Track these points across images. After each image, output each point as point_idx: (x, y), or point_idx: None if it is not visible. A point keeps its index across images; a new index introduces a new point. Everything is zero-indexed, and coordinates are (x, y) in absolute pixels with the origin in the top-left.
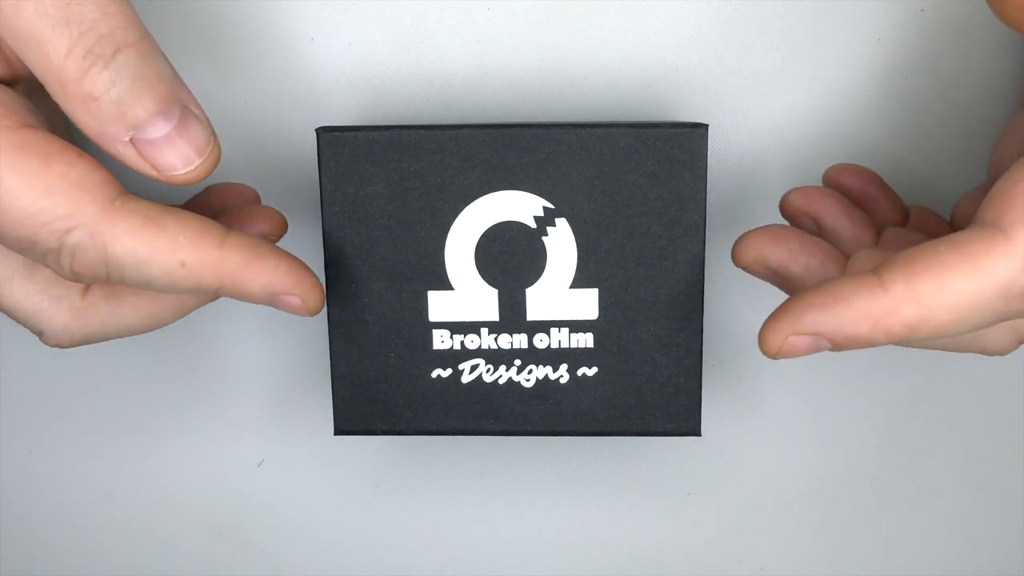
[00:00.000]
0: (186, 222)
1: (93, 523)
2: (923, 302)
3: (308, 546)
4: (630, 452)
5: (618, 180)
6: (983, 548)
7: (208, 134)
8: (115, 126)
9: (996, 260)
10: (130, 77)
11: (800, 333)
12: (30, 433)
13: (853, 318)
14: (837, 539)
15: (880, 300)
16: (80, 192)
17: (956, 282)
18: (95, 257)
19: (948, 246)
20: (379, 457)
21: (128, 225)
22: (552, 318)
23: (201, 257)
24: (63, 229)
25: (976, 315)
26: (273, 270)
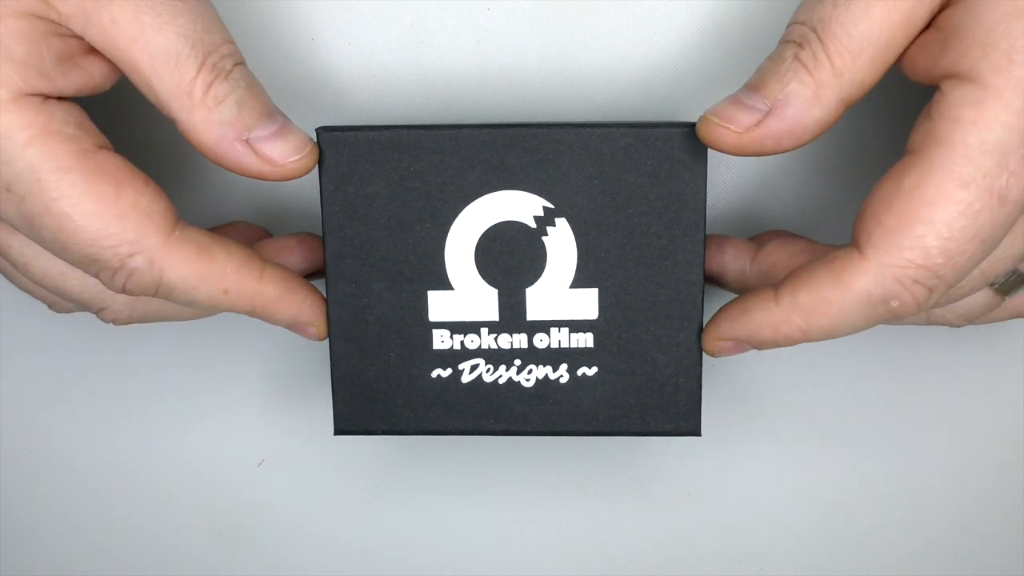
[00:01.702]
0: (233, 252)
1: (93, 523)
2: (805, 312)
3: (308, 546)
4: (630, 452)
5: (618, 180)
6: (983, 548)
7: (306, 135)
8: (234, 128)
9: (853, 274)
10: (245, 87)
11: (720, 339)
12: (30, 432)
13: (756, 327)
14: (837, 539)
15: (774, 312)
16: (147, 220)
17: (827, 294)
18: (150, 280)
19: (821, 263)
20: (379, 457)
21: (184, 255)
22: (552, 318)
23: (242, 287)
24: (127, 253)
25: (851, 320)
26: (301, 303)
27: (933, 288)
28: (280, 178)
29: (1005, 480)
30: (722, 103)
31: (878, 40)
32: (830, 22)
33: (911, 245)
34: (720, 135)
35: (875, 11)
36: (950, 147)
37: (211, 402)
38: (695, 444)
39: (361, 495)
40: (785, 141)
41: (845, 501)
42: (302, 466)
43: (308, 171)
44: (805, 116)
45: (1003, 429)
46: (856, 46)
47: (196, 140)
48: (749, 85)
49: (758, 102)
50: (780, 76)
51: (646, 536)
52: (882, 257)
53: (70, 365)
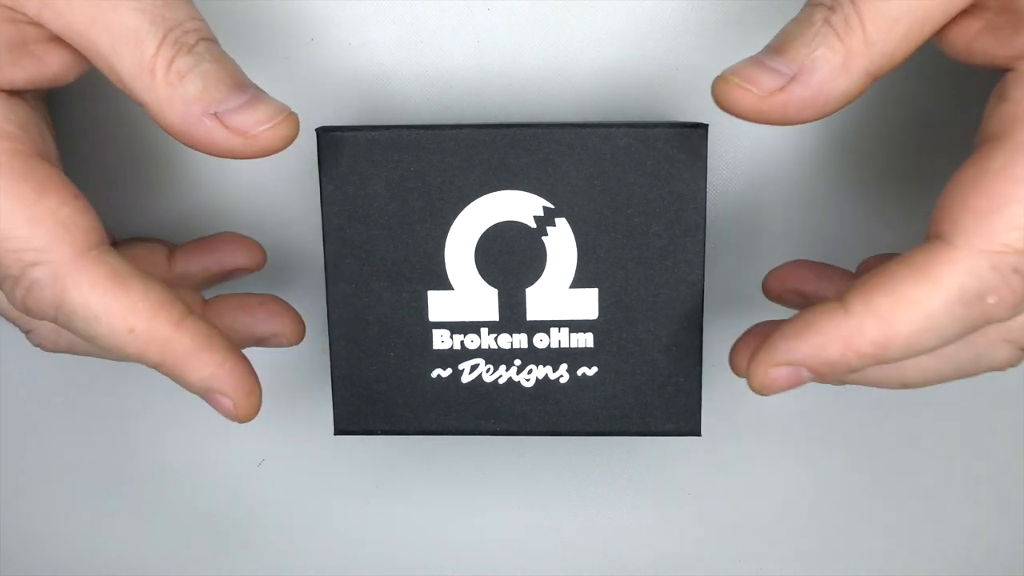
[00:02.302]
0: (152, 291)
1: (93, 523)
2: (884, 318)
3: (308, 546)
4: (630, 452)
5: (618, 180)
6: (983, 548)
7: (281, 104)
8: (200, 102)
9: (943, 267)
10: (210, 60)
11: (777, 364)
12: (29, 432)
13: (822, 343)
14: (837, 539)
15: (844, 322)
16: (61, 231)
17: (910, 293)
18: (49, 297)
19: (898, 262)
20: (379, 457)
21: (92, 277)
22: (552, 318)
23: (152, 330)
24: (30, 261)
25: (939, 324)
26: (218, 366)
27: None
28: (256, 152)
29: (1006, 480)
30: (743, 63)
31: (915, 11)
32: None
33: (1009, 227)
34: (740, 97)
35: None
36: None
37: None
38: (695, 444)
39: (361, 495)
40: (808, 111)
41: (845, 501)
42: (302, 466)
43: (287, 141)
44: (831, 85)
45: (1004, 429)
46: (892, 15)
47: (162, 120)
48: (772, 47)
49: (782, 66)
50: (808, 40)
51: (646, 536)
52: (975, 243)
53: (70, 364)
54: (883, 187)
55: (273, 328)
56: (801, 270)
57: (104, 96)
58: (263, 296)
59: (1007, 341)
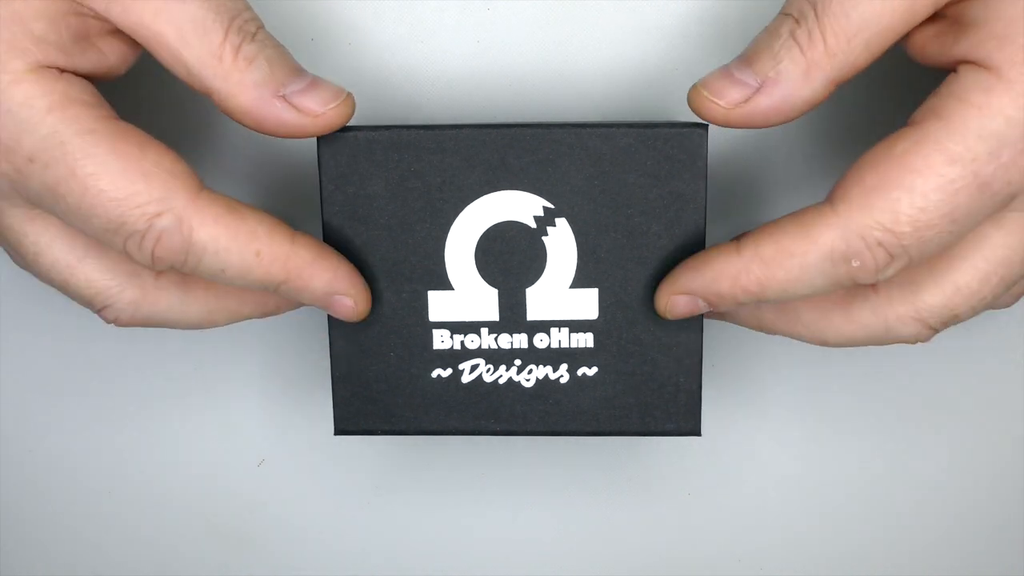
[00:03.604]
0: (262, 216)
1: (93, 523)
2: (766, 262)
3: (308, 546)
4: (630, 452)
5: (618, 180)
6: (983, 548)
7: (336, 84)
8: (269, 86)
9: (821, 228)
10: (272, 46)
11: (677, 293)
12: (30, 432)
13: (714, 277)
14: (837, 539)
15: (734, 262)
16: (172, 179)
17: (790, 244)
18: (180, 241)
19: (790, 216)
20: (379, 457)
21: (214, 213)
22: (552, 318)
23: (275, 249)
24: (154, 212)
25: (810, 275)
26: (335, 269)
27: (895, 256)
28: (321, 130)
29: (1005, 480)
30: (714, 75)
31: (876, 24)
32: (830, 1)
33: (884, 207)
34: (708, 108)
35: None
36: (948, 124)
37: (211, 402)
38: (695, 444)
39: (361, 495)
40: (773, 118)
41: (845, 501)
42: (302, 466)
43: (347, 119)
44: (794, 95)
45: (1006, 430)
46: (853, 27)
47: (234, 105)
48: (743, 57)
49: (749, 77)
50: (773, 52)
51: (646, 536)
52: (852, 213)
53: (70, 364)
54: None
55: None
56: None
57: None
58: None
59: (916, 319)
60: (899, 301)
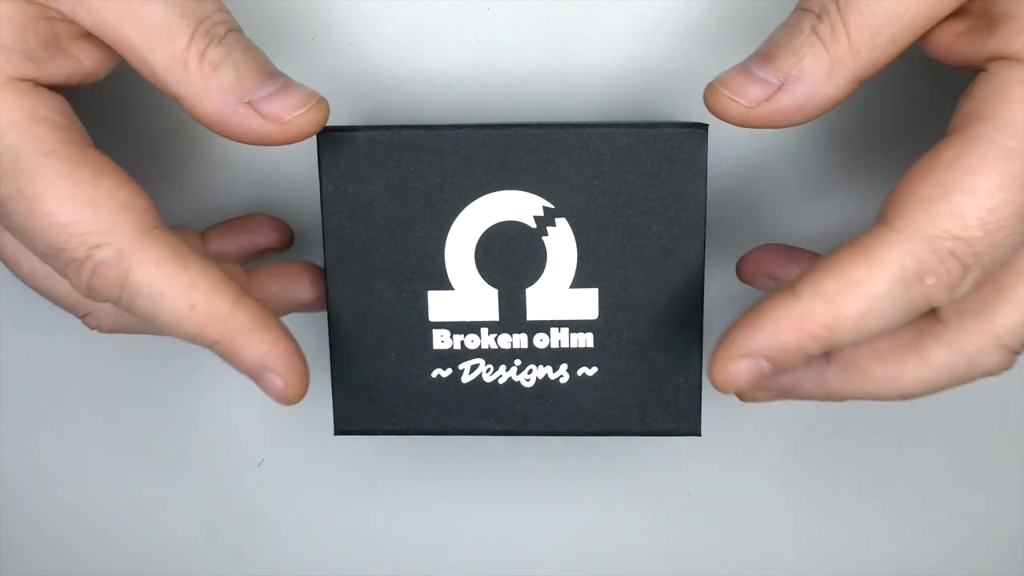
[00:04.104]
0: (209, 269)
1: (92, 523)
2: (831, 300)
3: (308, 546)
4: (630, 452)
5: (618, 180)
6: (983, 548)
7: (310, 89)
8: (235, 91)
9: (885, 250)
10: (241, 49)
11: (735, 358)
12: (30, 432)
13: (776, 330)
14: (837, 539)
15: (794, 307)
16: (123, 212)
17: (853, 274)
18: (115, 277)
19: (846, 246)
20: (379, 457)
21: (157, 256)
22: (552, 318)
23: (212, 306)
24: (94, 243)
25: (882, 305)
26: (273, 344)
27: (969, 266)
28: (292, 137)
29: (1005, 480)
30: (732, 72)
31: (901, 18)
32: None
33: (948, 214)
34: (728, 107)
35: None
36: (995, 121)
37: (211, 402)
38: (695, 444)
39: (361, 495)
40: (795, 117)
41: (845, 501)
42: (302, 466)
43: (318, 126)
44: (818, 93)
45: (1004, 429)
46: (878, 23)
47: (199, 112)
48: (761, 54)
49: (770, 75)
50: (795, 48)
51: (646, 536)
52: (916, 227)
53: (70, 364)
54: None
55: (311, 294)
56: (772, 253)
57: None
58: (303, 263)
59: (998, 346)
60: (974, 330)
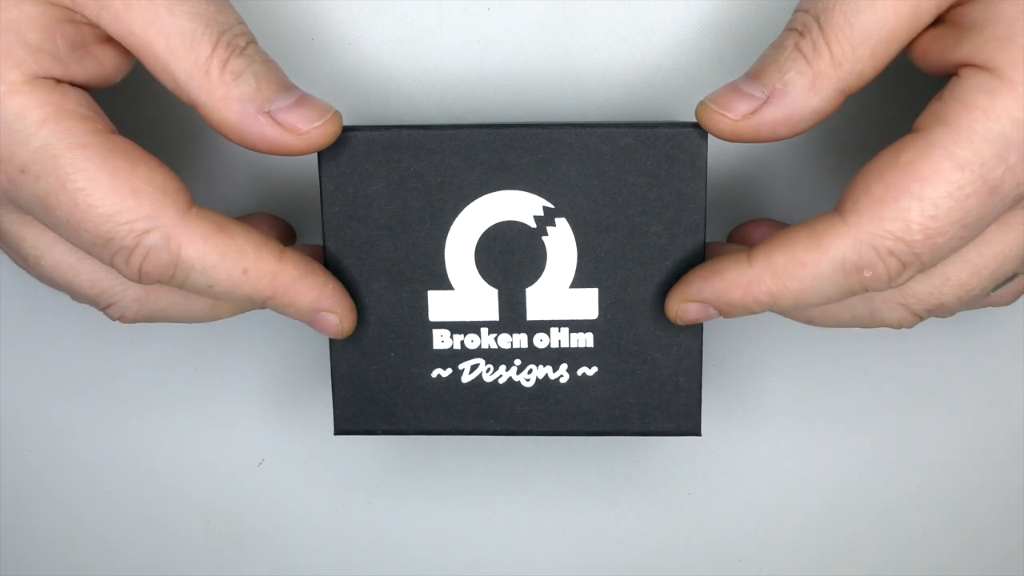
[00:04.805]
0: (251, 233)
1: (93, 522)
2: (778, 273)
3: (308, 546)
4: (630, 452)
5: (618, 180)
6: (983, 548)
7: (324, 102)
8: (254, 101)
9: (832, 238)
10: (260, 60)
11: (688, 300)
12: (30, 432)
13: (726, 287)
14: (837, 539)
15: (746, 272)
16: (162, 196)
17: (801, 255)
18: (167, 258)
19: (801, 227)
20: (379, 457)
21: (202, 231)
22: (552, 318)
23: (262, 267)
24: (142, 229)
25: (822, 286)
26: (322, 286)
27: (907, 264)
28: (307, 148)
29: (1005, 480)
30: (721, 89)
31: (880, 32)
32: (833, 11)
33: (894, 217)
34: (716, 121)
35: (880, 2)
36: (954, 129)
37: (211, 402)
38: (695, 444)
39: (361, 495)
40: (781, 129)
41: (845, 501)
42: (302, 466)
43: (333, 138)
44: (802, 105)
45: (1003, 429)
46: (857, 37)
47: (218, 119)
48: (750, 73)
49: (756, 90)
50: (779, 64)
51: (646, 536)
52: (863, 224)
53: (70, 365)
54: None
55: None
56: (760, 228)
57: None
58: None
59: (902, 304)
60: None
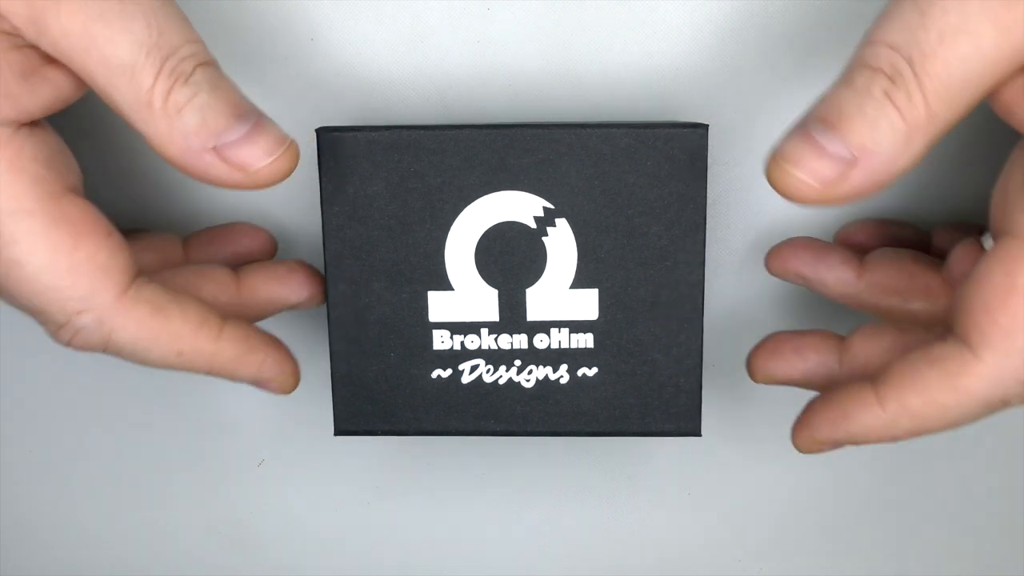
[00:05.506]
0: (189, 313)
1: (93, 523)
2: (916, 415)
3: (308, 546)
4: (630, 452)
5: (618, 180)
6: (983, 548)
7: (281, 131)
8: (199, 136)
9: (971, 379)
10: (208, 88)
11: (822, 443)
12: (30, 432)
13: (861, 432)
14: (836, 539)
15: (880, 418)
16: (101, 277)
17: (939, 398)
18: (98, 339)
19: (927, 363)
20: (379, 457)
21: (137, 315)
22: (552, 318)
23: (198, 349)
24: (75, 310)
25: (965, 419)
26: (261, 363)
27: None
28: (258, 186)
29: (1005, 481)
30: (795, 143)
31: (980, 78)
32: (933, 57)
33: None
34: (799, 191)
35: (985, 45)
36: None
37: (211, 402)
38: (695, 444)
39: (361, 495)
40: (867, 191)
41: (845, 501)
42: (302, 466)
43: (287, 173)
44: (895, 166)
45: (1004, 430)
46: (957, 87)
47: (162, 153)
48: (826, 120)
49: (840, 148)
50: (867, 116)
51: (646, 536)
52: (1001, 360)
53: (70, 365)
54: None
55: (303, 294)
56: (801, 251)
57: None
58: (290, 263)
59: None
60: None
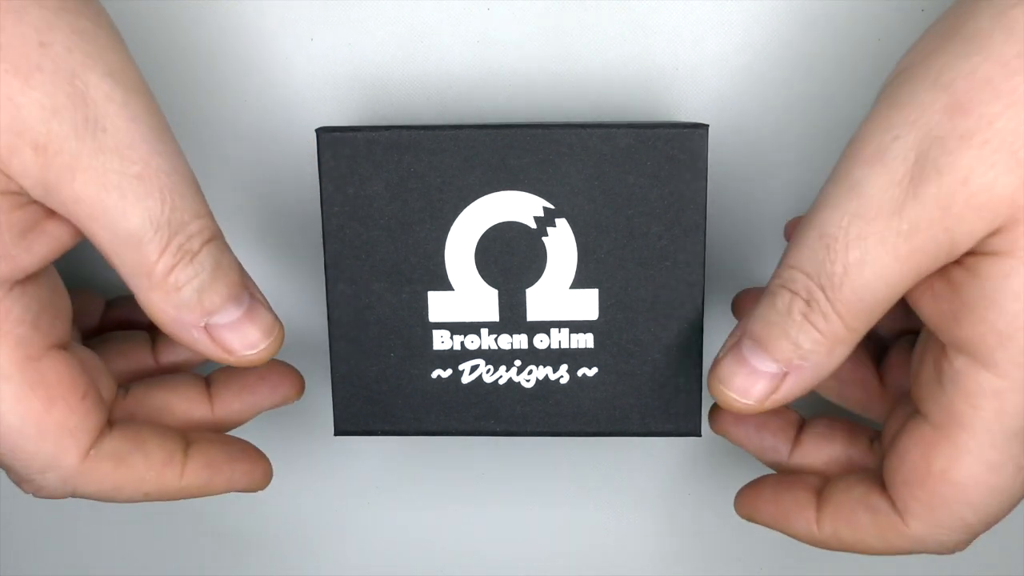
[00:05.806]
0: (152, 457)
1: (93, 523)
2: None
3: (308, 546)
4: (630, 452)
5: (618, 180)
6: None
7: (273, 319)
8: (193, 314)
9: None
10: (210, 269)
11: (755, 519)
12: None
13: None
14: None
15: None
16: (68, 441)
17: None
18: (61, 493)
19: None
20: (379, 457)
21: (100, 472)
22: (552, 318)
23: (163, 488)
24: (39, 468)
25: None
26: (228, 481)
27: (970, 540)
28: (239, 365)
29: None
30: (730, 367)
31: (889, 291)
32: (841, 287)
33: (952, 524)
34: (739, 407)
35: (888, 274)
36: (976, 435)
37: None
38: (695, 444)
39: (361, 495)
40: (799, 394)
41: None
42: (302, 466)
43: (269, 358)
44: (821, 372)
45: None
46: (868, 306)
47: (150, 315)
48: (754, 337)
49: (768, 365)
50: (790, 335)
51: (646, 536)
52: (924, 530)
53: None
54: None
55: (276, 398)
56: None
57: None
58: (260, 371)
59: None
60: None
